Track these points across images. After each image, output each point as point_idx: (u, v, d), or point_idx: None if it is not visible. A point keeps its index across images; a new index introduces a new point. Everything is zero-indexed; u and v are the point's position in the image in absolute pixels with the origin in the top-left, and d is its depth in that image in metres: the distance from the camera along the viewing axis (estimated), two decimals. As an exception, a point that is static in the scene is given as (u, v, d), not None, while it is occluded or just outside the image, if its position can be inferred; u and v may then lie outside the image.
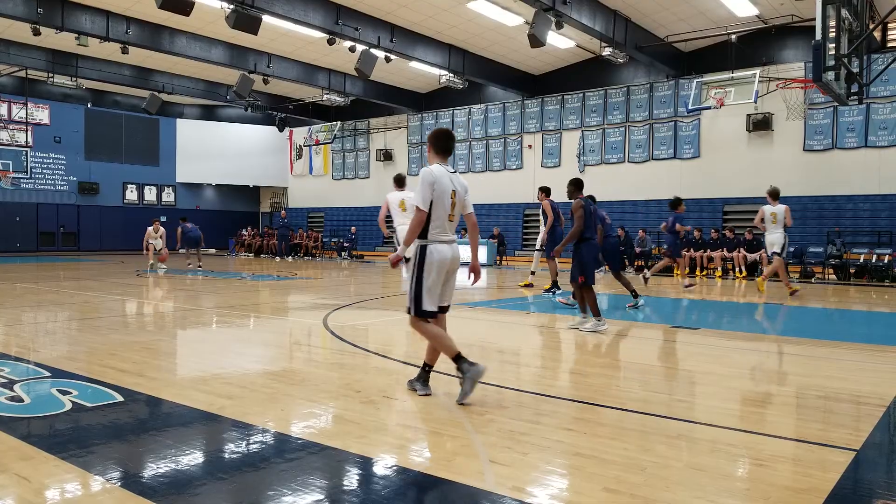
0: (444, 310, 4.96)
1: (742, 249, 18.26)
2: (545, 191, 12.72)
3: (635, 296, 10.43)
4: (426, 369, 4.88)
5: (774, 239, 12.72)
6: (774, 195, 12.74)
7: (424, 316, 4.76)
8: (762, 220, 12.79)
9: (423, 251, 4.71)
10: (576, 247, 7.91)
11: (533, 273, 14.27)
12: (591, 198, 9.07)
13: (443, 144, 4.81)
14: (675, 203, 13.44)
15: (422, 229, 4.66)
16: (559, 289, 12.10)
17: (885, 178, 18.09)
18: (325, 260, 26.50)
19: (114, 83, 26.24)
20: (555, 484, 3.19)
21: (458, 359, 4.60)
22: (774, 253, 12.73)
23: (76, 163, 28.93)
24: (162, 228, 18.83)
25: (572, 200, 8.06)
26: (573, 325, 8.16)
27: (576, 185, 8.25)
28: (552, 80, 24.65)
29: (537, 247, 14.03)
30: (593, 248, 8.01)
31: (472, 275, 4.95)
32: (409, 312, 4.84)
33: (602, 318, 7.87)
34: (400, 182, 10.23)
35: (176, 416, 4.31)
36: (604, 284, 14.21)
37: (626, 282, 10.64)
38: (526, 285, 13.94)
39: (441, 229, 4.66)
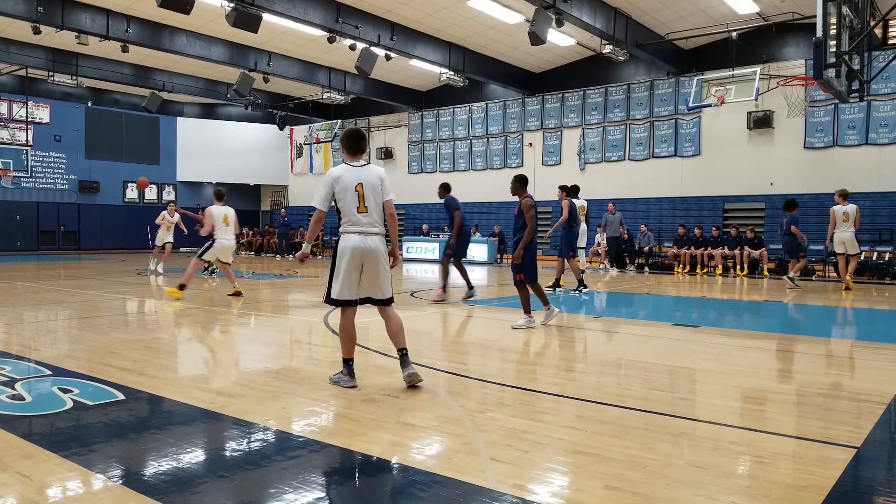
0: (379, 302, 5.07)
1: (746, 247, 18.21)
2: (567, 190, 12.45)
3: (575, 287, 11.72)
4: (347, 363, 5.01)
5: (845, 237, 13.25)
6: (844, 195, 13.35)
7: (333, 304, 4.99)
8: (833, 223, 13.36)
9: (337, 242, 4.98)
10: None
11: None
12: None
13: (351, 144, 5.15)
14: (790, 205, 13.80)
15: (340, 223, 4.94)
16: (585, 287, 12.13)
17: (885, 175, 18.07)
18: (325, 258, 26.48)
19: (114, 82, 26.23)
20: (556, 481, 3.19)
21: (346, 362, 4.98)
22: (844, 254, 13.40)
23: (76, 161, 28.92)
24: (177, 214, 17.23)
25: (520, 199, 8.19)
26: (544, 321, 8.20)
27: (521, 182, 8.29)
28: (553, 77, 24.63)
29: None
30: (535, 248, 8.25)
31: (391, 258, 5.16)
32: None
33: (533, 316, 7.97)
34: (220, 196, 10.45)
35: (177, 414, 4.32)
36: (605, 283, 14.18)
37: (574, 269, 11.79)
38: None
39: (350, 222, 4.90)
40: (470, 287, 10.97)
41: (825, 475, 3.21)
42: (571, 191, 12.70)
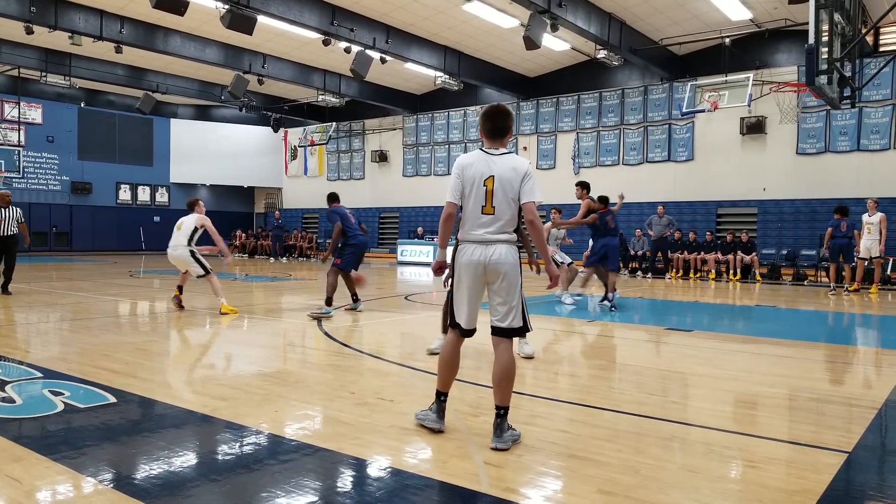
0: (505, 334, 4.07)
1: (739, 252, 18.27)
2: (587, 188, 11.21)
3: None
4: (440, 398, 4.01)
5: (868, 244, 14.22)
6: (873, 205, 14.49)
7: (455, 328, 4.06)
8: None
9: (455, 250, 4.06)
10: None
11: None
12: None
13: (487, 125, 3.93)
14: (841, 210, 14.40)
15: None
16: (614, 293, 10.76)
17: (876, 181, 18.17)
18: (319, 261, 26.44)
19: (107, 83, 26.14)
20: (549, 485, 3.19)
21: (439, 395, 4.00)
22: (864, 258, 14.28)
23: (69, 162, 28.80)
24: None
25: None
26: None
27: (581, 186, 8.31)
28: (547, 82, 24.69)
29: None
30: None
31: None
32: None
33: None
34: (190, 206, 10.05)
35: (169, 417, 4.30)
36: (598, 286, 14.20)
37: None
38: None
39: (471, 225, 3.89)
40: (355, 300, 10.05)
41: (817, 480, 3.22)
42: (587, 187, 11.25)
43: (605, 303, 10.58)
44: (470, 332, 4.00)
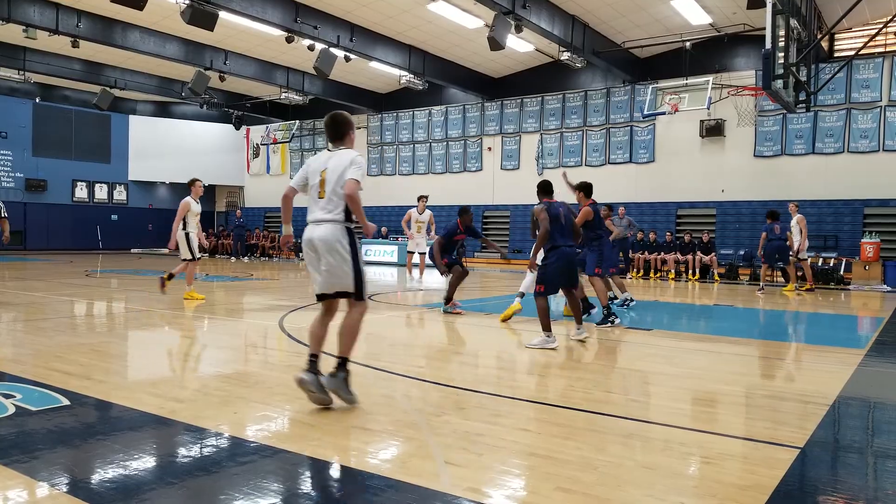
0: (343, 296, 4.60)
1: (699, 252, 18.59)
2: (584, 189, 10.04)
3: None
4: (311, 359, 4.50)
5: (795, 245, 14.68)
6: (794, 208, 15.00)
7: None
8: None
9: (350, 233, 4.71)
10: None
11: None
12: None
13: (327, 132, 4.83)
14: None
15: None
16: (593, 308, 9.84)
17: (830, 184, 18.69)
18: (282, 261, 26.16)
19: (64, 77, 25.50)
20: (509, 484, 3.21)
21: (312, 356, 4.47)
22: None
23: (23, 159, 28.02)
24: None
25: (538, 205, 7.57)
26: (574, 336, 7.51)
27: (540, 188, 7.47)
28: (512, 83, 24.83)
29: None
30: (563, 256, 7.21)
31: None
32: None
33: (552, 334, 7.08)
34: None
35: (125, 420, 4.21)
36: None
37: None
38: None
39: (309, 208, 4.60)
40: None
41: (769, 475, 3.30)
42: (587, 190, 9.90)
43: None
44: (320, 297, 4.58)
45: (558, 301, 10.23)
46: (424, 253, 13.24)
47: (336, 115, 4.75)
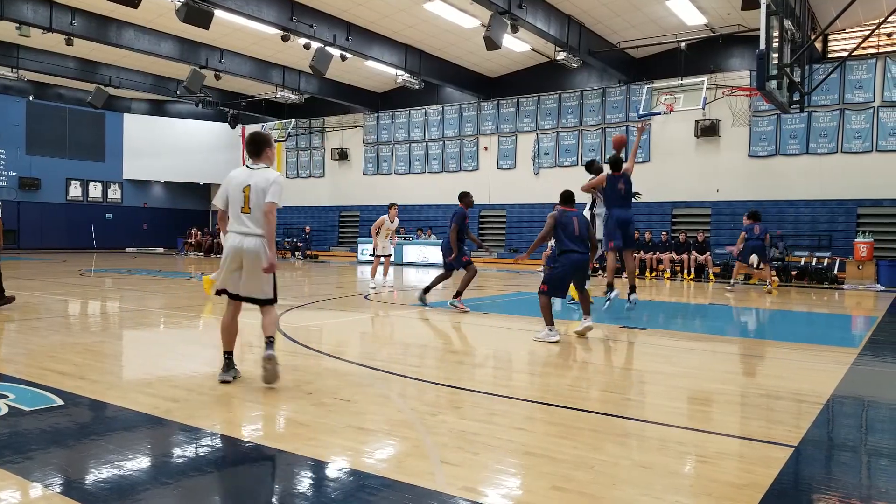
0: (254, 301, 5.10)
1: (694, 251, 18.63)
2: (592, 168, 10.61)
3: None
4: (225, 356, 5.11)
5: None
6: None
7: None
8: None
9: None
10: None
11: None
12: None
13: (248, 147, 5.24)
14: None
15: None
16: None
17: (824, 184, 18.76)
18: (278, 260, 26.14)
19: (58, 76, 25.44)
20: (505, 483, 3.21)
21: (226, 354, 5.10)
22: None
23: (17, 157, 27.93)
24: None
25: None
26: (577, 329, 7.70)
27: (561, 198, 7.78)
28: (508, 82, 24.84)
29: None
30: (568, 260, 7.48)
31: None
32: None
33: (555, 328, 7.32)
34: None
35: (119, 419, 4.19)
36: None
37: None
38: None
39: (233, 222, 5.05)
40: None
41: (765, 473, 3.31)
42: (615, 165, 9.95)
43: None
44: (222, 293, 5.11)
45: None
46: (390, 255, 14.03)
47: (255, 134, 5.22)
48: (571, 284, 7.81)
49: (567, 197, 7.73)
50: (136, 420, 4.14)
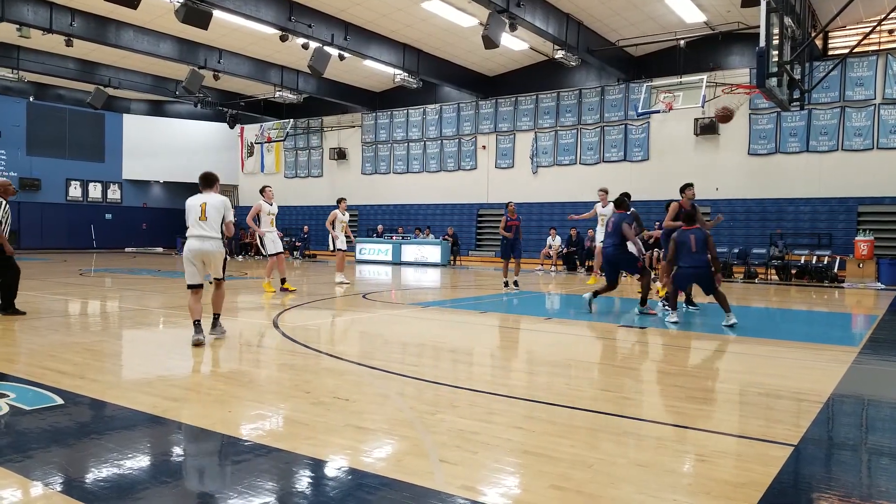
0: (214, 280, 7.05)
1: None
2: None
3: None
4: (195, 324, 6.80)
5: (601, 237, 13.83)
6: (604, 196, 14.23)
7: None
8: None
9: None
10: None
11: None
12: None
13: (201, 183, 7.03)
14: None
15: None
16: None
17: (824, 182, 18.75)
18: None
19: (57, 76, 25.45)
20: (503, 482, 3.21)
21: (195, 324, 6.74)
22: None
23: (17, 158, 27.93)
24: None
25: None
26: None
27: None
28: (506, 81, 24.84)
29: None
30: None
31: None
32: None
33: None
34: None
35: (119, 418, 4.20)
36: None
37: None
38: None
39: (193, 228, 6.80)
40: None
41: (763, 472, 3.31)
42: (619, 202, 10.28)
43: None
44: (196, 286, 6.86)
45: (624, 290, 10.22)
46: (344, 249, 14.34)
47: (207, 174, 7.04)
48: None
49: (688, 216, 8.87)
50: (136, 419, 4.14)
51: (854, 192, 18.41)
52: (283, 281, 12.44)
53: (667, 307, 9.42)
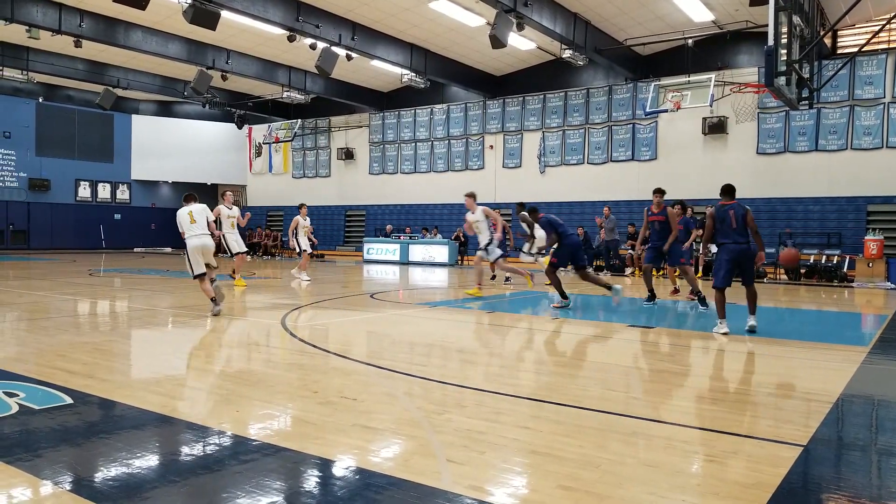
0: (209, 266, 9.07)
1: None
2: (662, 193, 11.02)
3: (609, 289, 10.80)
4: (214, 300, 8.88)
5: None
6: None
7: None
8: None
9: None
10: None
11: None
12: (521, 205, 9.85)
13: (184, 199, 9.25)
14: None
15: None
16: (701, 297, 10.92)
17: (834, 181, 18.66)
18: (284, 259, 26.19)
19: (67, 77, 25.58)
20: (511, 482, 3.21)
21: (213, 300, 8.80)
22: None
23: (26, 159, 28.10)
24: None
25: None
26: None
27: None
28: (513, 81, 24.82)
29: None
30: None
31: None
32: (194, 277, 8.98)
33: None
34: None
35: (127, 418, 4.22)
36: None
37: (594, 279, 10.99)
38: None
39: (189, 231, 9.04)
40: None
41: (773, 473, 3.29)
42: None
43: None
44: (202, 275, 8.93)
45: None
46: (307, 250, 15.65)
47: (188, 193, 9.29)
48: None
49: (726, 189, 8.10)
50: (145, 418, 4.16)
51: (863, 191, 18.30)
52: (233, 272, 13.81)
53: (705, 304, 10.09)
